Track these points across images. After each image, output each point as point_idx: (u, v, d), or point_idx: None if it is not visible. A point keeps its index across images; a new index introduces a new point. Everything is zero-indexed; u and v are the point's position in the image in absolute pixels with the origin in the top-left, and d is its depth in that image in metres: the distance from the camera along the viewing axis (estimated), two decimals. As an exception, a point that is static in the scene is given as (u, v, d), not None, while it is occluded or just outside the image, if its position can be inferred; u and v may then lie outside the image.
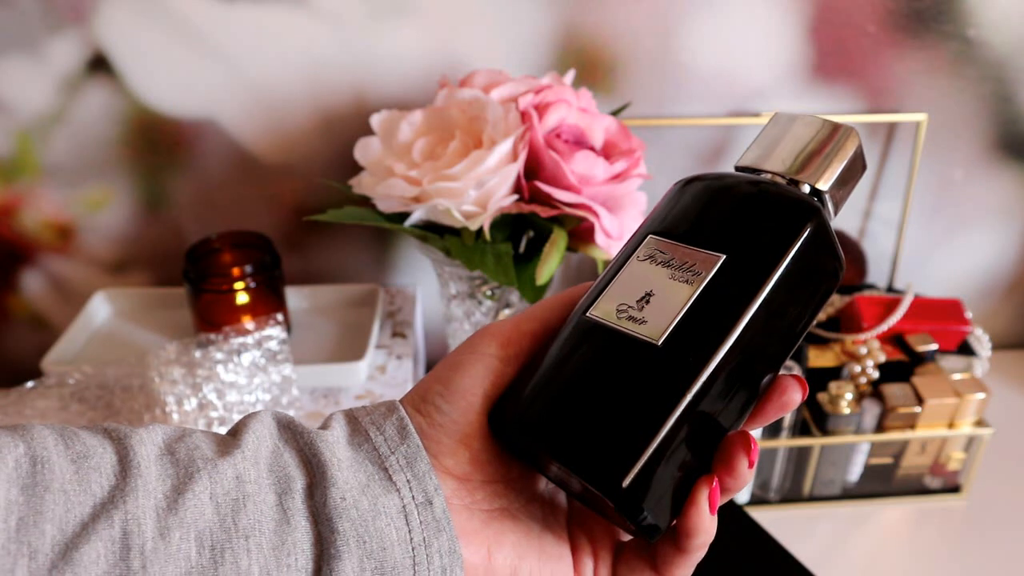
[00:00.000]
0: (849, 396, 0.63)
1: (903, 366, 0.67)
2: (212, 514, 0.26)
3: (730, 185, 0.31)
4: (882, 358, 0.65)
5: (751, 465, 0.27)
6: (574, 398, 0.28)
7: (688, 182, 0.32)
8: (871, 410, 0.64)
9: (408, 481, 0.28)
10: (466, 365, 0.30)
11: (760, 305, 0.28)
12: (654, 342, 0.28)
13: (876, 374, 0.65)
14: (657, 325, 0.28)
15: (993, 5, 0.70)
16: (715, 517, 0.28)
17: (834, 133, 0.31)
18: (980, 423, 0.65)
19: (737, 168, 0.33)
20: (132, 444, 0.27)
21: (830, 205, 0.31)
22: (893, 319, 0.68)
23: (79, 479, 0.25)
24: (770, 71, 0.72)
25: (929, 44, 0.71)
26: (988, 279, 0.85)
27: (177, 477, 0.26)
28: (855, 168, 0.32)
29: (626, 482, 0.26)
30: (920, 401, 0.63)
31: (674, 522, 0.28)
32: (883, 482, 0.68)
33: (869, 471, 0.67)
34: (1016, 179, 0.79)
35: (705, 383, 0.27)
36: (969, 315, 0.71)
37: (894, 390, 0.64)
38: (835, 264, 0.30)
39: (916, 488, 0.69)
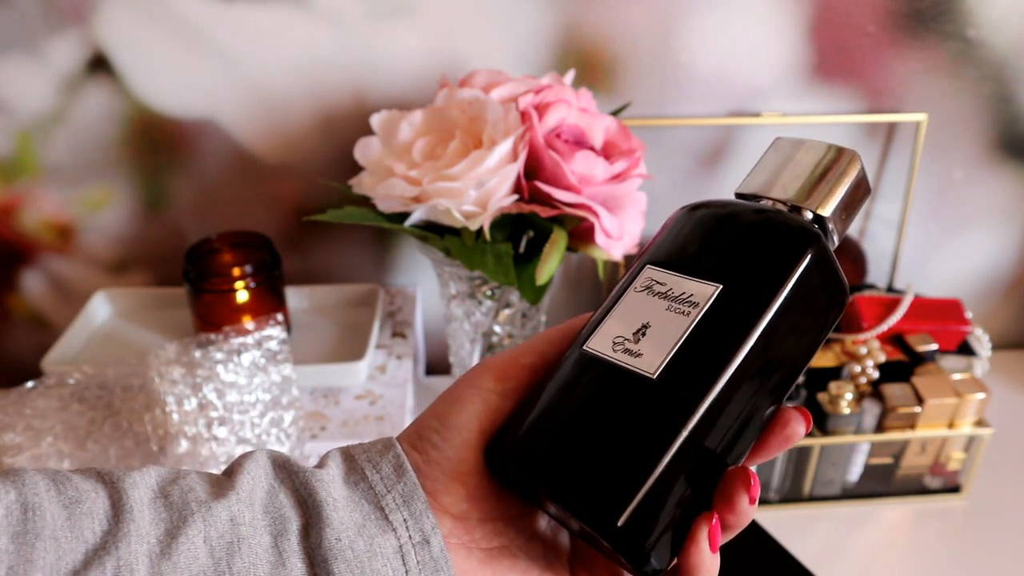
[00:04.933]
0: (849, 396, 0.63)
1: (903, 366, 0.67)
2: (206, 558, 0.25)
3: (728, 213, 0.30)
4: (882, 358, 0.65)
5: (752, 501, 0.27)
6: (569, 434, 0.27)
7: (691, 210, 0.31)
8: (871, 410, 0.64)
9: (405, 520, 0.28)
10: (462, 400, 0.30)
11: (759, 336, 0.27)
12: (649, 375, 0.27)
13: (876, 374, 0.64)
14: (653, 358, 0.27)
15: (993, 5, 0.70)
16: (717, 556, 0.27)
17: (837, 158, 0.31)
18: (980, 423, 0.65)
19: (737, 195, 0.32)
20: (125, 488, 0.26)
21: (833, 232, 0.31)
22: (893, 319, 0.68)
23: (71, 525, 0.25)
24: (770, 71, 0.72)
25: (929, 44, 0.71)
26: (988, 279, 0.85)
27: (171, 521, 0.26)
28: (858, 193, 0.31)
29: (621, 520, 0.25)
30: (920, 401, 0.63)
31: (674, 561, 0.27)
32: (883, 482, 0.68)
33: (869, 471, 0.67)
34: (1016, 179, 0.79)
35: (702, 418, 0.26)
36: (969, 315, 0.71)
37: (894, 390, 0.64)
38: (838, 292, 0.29)
39: (916, 488, 0.69)
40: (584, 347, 0.29)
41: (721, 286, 0.28)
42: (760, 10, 0.69)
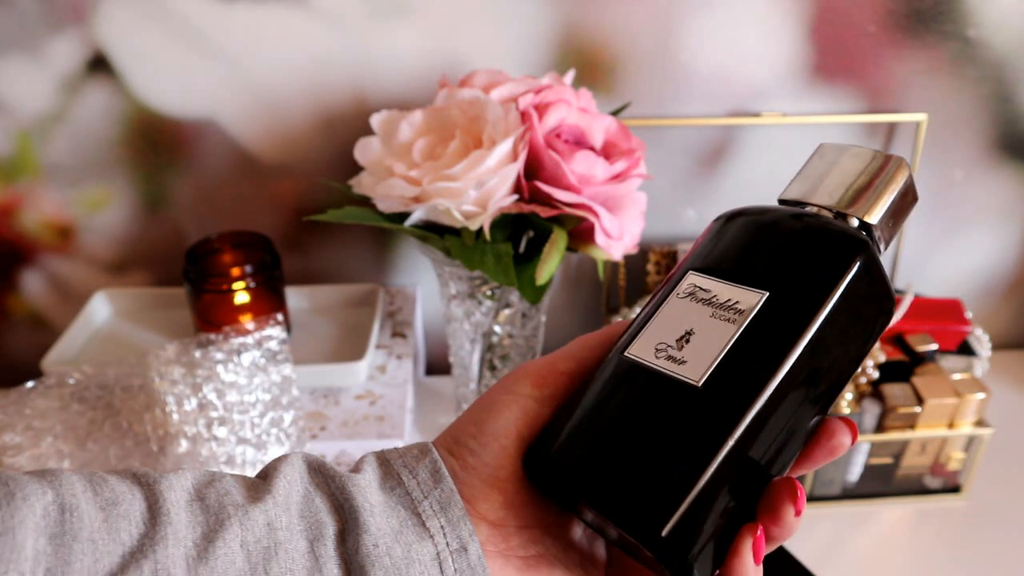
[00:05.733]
0: (849, 396, 0.63)
1: (903, 366, 0.67)
2: (243, 562, 0.25)
3: (774, 219, 0.30)
4: (882, 358, 0.65)
5: (798, 514, 0.26)
6: (610, 442, 0.27)
7: (730, 217, 0.31)
8: (871, 410, 0.64)
9: (442, 527, 0.28)
10: (499, 406, 0.30)
11: (806, 345, 0.26)
12: (694, 383, 0.27)
13: (876, 374, 0.65)
14: (697, 366, 0.27)
15: (993, 5, 0.70)
16: (760, 568, 0.27)
17: (884, 165, 0.30)
18: (980, 423, 0.65)
19: (781, 201, 0.32)
20: (161, 490, 0.26)
21: (880, 240, 0.30)
22: (893, 319, 0.68)
23: (108, 527, 0.25)
24: (770, 71, 0.72)
25: (929, 44, 0.71)
26: (988, 279, 0.85)
27: (207, 524, 0.26)
28: (906, 200, 0.30)
29: (665, 531, 0.25)
30: (920, 401, 0.63)
31: (716, 573, 0.27)
32: (883, 482, 0.68)
33: (869, 471, 0.67)
34: (1016, 179, 0.79)
35: (748, 427, 0.26)
36: (969, 315, 0.71)
37: (894, 390, 0.64)
38: (886, 300, 0.29)
39: (916, 488, 0.69)
40: (625, 353, 0.29)
41: (768, 293, 0.27)
42: (760, 10, 0.69)
